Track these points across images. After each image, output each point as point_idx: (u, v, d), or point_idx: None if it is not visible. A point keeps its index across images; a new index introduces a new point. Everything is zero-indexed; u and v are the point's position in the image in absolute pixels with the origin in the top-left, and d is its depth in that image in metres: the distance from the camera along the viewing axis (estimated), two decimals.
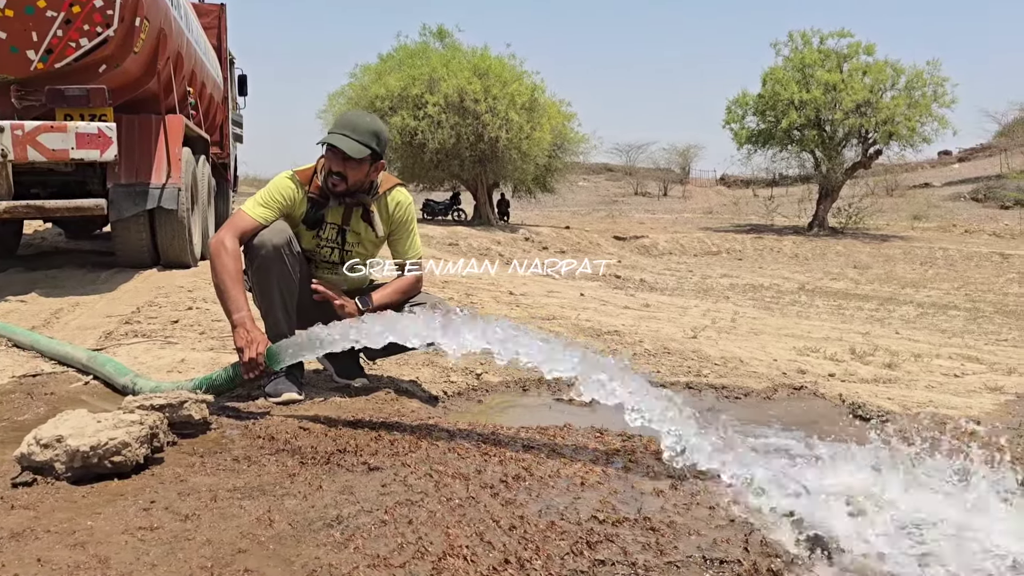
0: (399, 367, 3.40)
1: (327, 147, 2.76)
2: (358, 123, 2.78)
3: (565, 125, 23.88)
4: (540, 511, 1.82)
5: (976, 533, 1.73)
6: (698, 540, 1.70)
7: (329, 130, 2.80)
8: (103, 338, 4.00)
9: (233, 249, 2.68)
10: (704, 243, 22.66)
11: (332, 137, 2.74)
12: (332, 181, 2.79)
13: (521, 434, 2.45)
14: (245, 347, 2.53)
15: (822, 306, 10.22)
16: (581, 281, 11.66)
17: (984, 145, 48.65)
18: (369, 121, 2.82)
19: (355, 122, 2.78)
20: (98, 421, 2.03)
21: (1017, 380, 4.30)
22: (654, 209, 41.62)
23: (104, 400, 2.79)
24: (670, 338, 4.93)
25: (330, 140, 2.73)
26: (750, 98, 27.31)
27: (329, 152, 2.76)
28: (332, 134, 2.75)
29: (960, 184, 41.86)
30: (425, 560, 1.56)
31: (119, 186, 6.40)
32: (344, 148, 2.72)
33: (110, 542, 1.60)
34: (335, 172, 2.77)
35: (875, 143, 26.06)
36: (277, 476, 2.01)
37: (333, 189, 2.80)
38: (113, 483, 1.94)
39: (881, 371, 4.35)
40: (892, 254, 20.89)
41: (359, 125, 2.77)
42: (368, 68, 23.73)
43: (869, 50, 25.68)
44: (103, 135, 5.63)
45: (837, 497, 1.88)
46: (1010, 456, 1.99)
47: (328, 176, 2.78)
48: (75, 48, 5.69)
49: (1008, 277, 16.07)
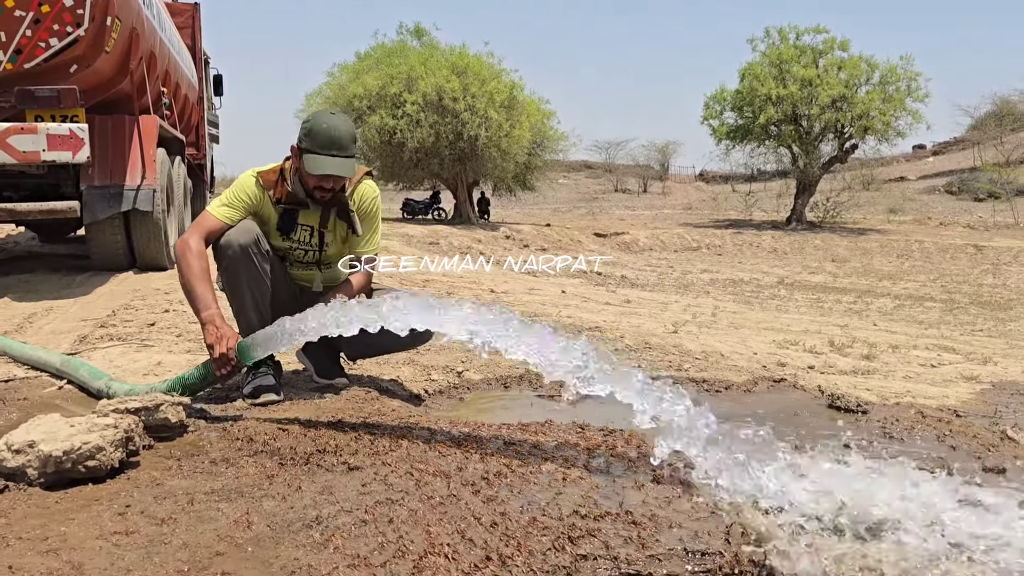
0: (380, 366, 3.38)
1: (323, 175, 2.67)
2: (340, 137, 2.65)
3: (544, 123, 23.89)
4: (522, 507, 1.81)
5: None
6: (680, 532, 1.70)
7: (310, 148, 2.64)
8: (77, 342, 3.94)
9: (198, 248, 2.64)
10: (684, 239, 22.77)
11: (327, 164, 2.63)
12: (320, 193, 2.73)
13: (503, 431, 2.44)
14: (215, 343, 2.49)
15: (801, 300, 10.30)
16: (563, 278, 11.67)
17: (957, 139, 49.21)
18: (345, 129, 2.70)
19: (337, 137, 2.65)
20: (71, 425, 2.00)
21: (992, 369, 4.35)
22: (634, 206, 41.74)
23: (79, 405, 2.74)
24: (651, 333, 4.94)
25: (328, 171, 2.64)
26: (728, 94, 27.50)
27: (321, 176, 2.68)
28: (321, 157, 2.63)
29: (935, 177, 42.35)
30: (406, 559, 1.54)
31: (93, 188, 6.31)
32: (345, 174, 2.68)
33: (84, 548, 1.57)
34: (320, 187, 2.71)
35: (851, 138, 26.33)
36: (256, 478, 1.98)
37: (320, 198, 2.76)
38: (87, 488, 1.91)
39: (859, 363, 4.38)
40: (869, 247, 21.11)
41: (342, 139, 2.66)
42: (346, 67, 23.60)
43: (844, 46, 25.94)
44: (75, 136, 5.55)
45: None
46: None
47: (316, 189, 2.72)
48: (45, 48, 5.61)
49: (982, 268, 16.29)
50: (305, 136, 2.68)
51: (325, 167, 2.65)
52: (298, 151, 2.71)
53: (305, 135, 2.68)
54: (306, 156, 2.66)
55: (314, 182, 2.71)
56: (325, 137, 2.66)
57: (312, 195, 2.76)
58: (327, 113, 2.78)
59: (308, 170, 2.66)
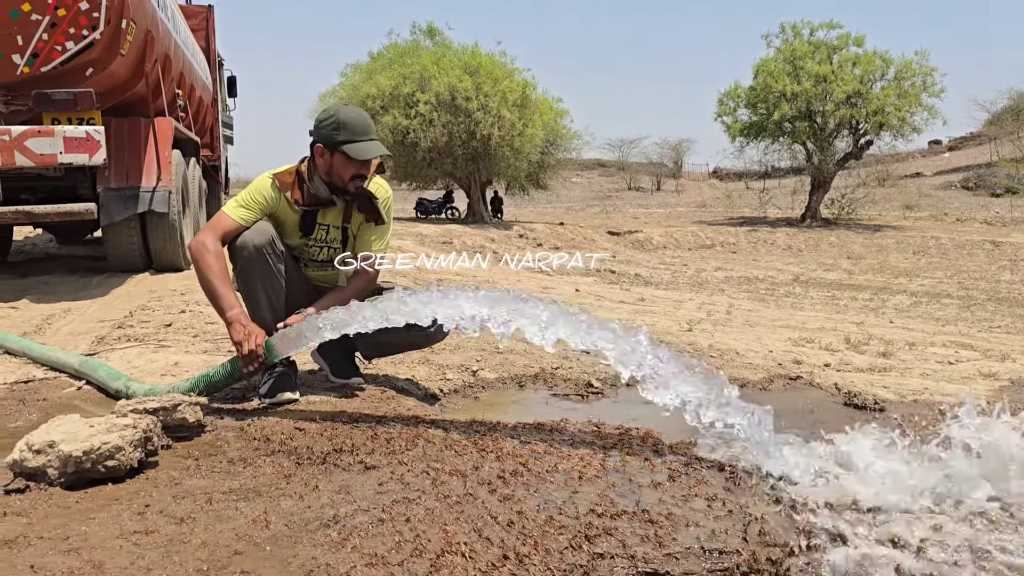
0: (395, 366, 3.38)
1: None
2: (370, 123, 2.74)
3: (557, 121, 23.86)
4: (538, 506, 1.81)
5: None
6: (697, 531, 1.70)
7: (349, 138, 2.67)
8: (96, 343, 3.98)
9: (215, 248, 2.65)
10: (698, 237, 22.68)
11: (371, 148, 2.68)
12: (356, 185, 2.75)
13: (518, 430, 2.45)
14: (243, 340, 2.51)
15: (816, 297, 10.24)
16: (576, 276, 11.66)
17: (974, 134, 48.76)
18: (367, 116, 2.79)
19: (369, 123, 2.74)
20: (91, 426, 2.01)
21: (1011, 366, 4.30)
22: (648, 204, 41.63)
23: (97, 405, 2.76)
24: (666, 331, 4.93)
25: (376, 153, 2.69)
26: (742, 90, 27.36)
27: (367, 162, 2.71)
28: (364, 143, 2.68)
29: (951, 173, 41.99)
30: (423, 558, 1.55)
31: (109, 190, 6.36)
32: (386, 154, 2.72)
33: (104, 547, 1.58)
34: (360, 176, 2.74)
35: (866, 134, 26.14)
36: (273, 477, 2.00)
37: (356, 192, 2.77)
38: (107, 488, 1.92)
39: (876, 360, 4.35)
40: (885, 244, 20.95)
41: (371, 124, 2.74)
42: (359, 67, 23.68)
43: (859, 41, 25.76)
44: (91, 139, 5.59)
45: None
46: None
47: (353, 180, 2.73)
48: (61, 51, 5.65)
49: (1000, 264, 16.14)
50: (336, 130, 2.68)
51: (371, 151, 2.68)
52: (329, 148, 2.70)
53: (335, 129, 2.68)
54: (348, 147, 2.66)
55: (354, 171, 2.72)
56: (360, 124, 2.71)
57: (344, 191, 2.77)
58: (341, 106, 2.81)
59: (354, 156, 2.66)
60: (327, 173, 2.75)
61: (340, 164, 2.71)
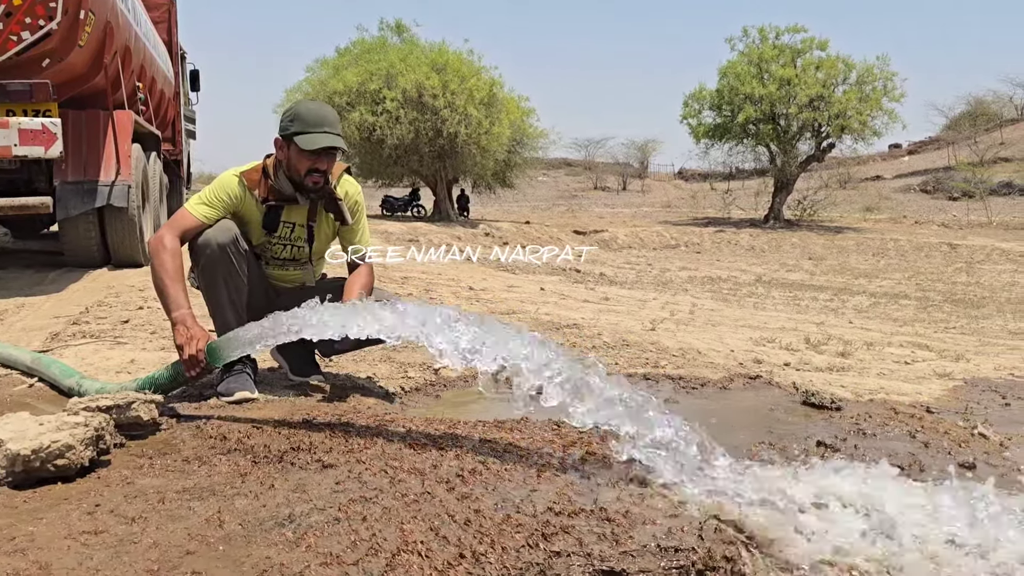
0: (356, 364, 3.36)
1: (320, 149, 2.65)
2: (327, 115, 2.70)
3: (524, 120, 23.88)
4: (496, 505, 1.80)
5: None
6: (653, 529, 1.71)
7: (301, 129, 2.65)
8: (50, 339, 3.89)
9: (172, 247, 2.61)
10: (663, 236, 22.87)
11: (325, 138, 2.64)
12: (314, 179, 2.71)
13: (478, 428, 2.44)
14: (184, 344, 2.46)
15: (778, 297, 10.37)
16: (542, 275, 11.68)
17: (932, 138, 49.85)
18: (329, 109, 2.77)
19: (326, 116, 2.69)
20: (40, 424, 1.97)
21: (965, 366, 4.40)
22: (613, 203, 41.86)
23: (50, 403, 2.71)
24: (629, 330, 4.96)
25: (324, 143, 2.64)
26: (707, 93, 27.64)
27: (317, 153, 2.67)
28: (314, 133, 2.64)
29: (910, 176, 42.86)
30: (379, 557, 1.53)
31: (66, 183, 6.24)
32: (340, 146, 2.68)
33: (52, 547, 1.55)
34: (319, 171, 2.70)
35: (828, 137, 26.59)
36: (228, 476, 1.97)
37: (315, 187, 2.74)
38: (57, 487, 1.88)
39: (835, 360, 4.42)
40: (846, 245, 21.31)
41: (328, 116, 2.70)
42: (325, 62, 23.47)
43: (822, 45, 26.18)
44: (47, 131, 5.48)
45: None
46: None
47: (309, 175, 2.70)
48: (16, 42, 5.52)
49: (956, 267, 16.50)
50: (291, 121, 2.67)
51: (320, 141, 2.64)
52: (284, 140, 2.69)
53: (291, 120, 2.68)
54: (298, 138, 2.65)
55: (307, 165, 2.68)
56: (315, 116, 2.68)
57: (302, 186, 2.74)
58: (307, 99, 2.78)
59: (303, 147, 2.64)
60: (288, 168, 2.72)
61: (295, 156, 2.69)
